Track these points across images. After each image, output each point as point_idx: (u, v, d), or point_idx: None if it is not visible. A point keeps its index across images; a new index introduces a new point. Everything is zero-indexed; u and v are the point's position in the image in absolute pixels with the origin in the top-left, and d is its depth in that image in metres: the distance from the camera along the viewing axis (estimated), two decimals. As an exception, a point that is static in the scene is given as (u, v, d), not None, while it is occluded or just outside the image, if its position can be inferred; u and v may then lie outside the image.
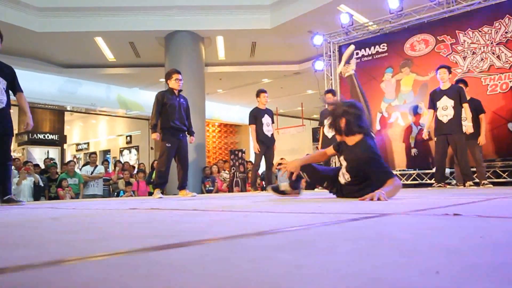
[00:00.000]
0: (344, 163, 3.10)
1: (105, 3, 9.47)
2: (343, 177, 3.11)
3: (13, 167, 5.85)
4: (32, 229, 1.41)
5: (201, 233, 1.07)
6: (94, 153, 10.23)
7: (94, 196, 8.30)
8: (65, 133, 14.98)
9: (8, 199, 3.90)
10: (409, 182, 7.45)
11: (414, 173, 7.47)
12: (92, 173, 8.83)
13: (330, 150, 3.33)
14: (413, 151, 7.47)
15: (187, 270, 0.61)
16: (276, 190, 3.64)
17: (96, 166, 9.12)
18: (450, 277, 0.52)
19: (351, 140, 3.02)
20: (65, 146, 15.38)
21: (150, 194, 8.31)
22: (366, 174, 2.89)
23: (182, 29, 9.83)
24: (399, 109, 7.80)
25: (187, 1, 9.61)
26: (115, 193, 9.36)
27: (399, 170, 7.64)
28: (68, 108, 14.08)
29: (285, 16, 9.45)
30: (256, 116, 6.83)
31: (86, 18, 9.60)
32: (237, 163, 10.45)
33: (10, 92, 4.06)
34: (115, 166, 10.72)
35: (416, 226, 1.12)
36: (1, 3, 8.69)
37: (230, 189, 10.17)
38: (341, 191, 3.21)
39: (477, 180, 5.88)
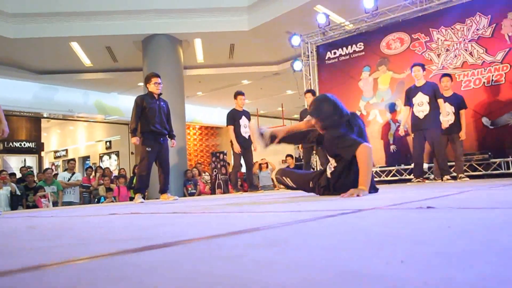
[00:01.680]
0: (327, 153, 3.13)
1: (80, 7, 9.33)
2: (330, 167, 3.08)
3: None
4: (7, 237, 1.39)
5: (178, 235, 1.07)
6: (73, 159, 10.09)
7: (70, 203, 8.16)
8: (42, 141, 14.69)
9: (-17, 210, 3.81)
10: (388, 178, 7.56)
11: (393, 169, 7.59)
12: (69, 180, 8.69)
13: (308, 122, 3.26)
14: (392, 147, 7.59)
15: (160, 271, 0.61)
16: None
17: (74, 173, 8.98)
18: (414, 266, 0.54)
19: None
20: (42, 153, 15.08)
21: (132, 199, 8.22)
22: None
23: (160, 33, 9.77)
24: (377, 106, 7.92)
25: (164, 5, 9.56)
26: (96, 200, 9.23)
27: (379, 167, 7.75)
28: (45, 115, 13.82)
29: (263, 18, 9.49)
30: (234, 118, 6.86)
31: (61, 23, 9.44)
32: (218, 165, 10.43)
33: None
34: (95, 172, 10.58)
35: (390, 219, 1.15)
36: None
37: (212, 192, 10.14)
38: (333, 187, 3.05)
39: (454, 174, 6.01)
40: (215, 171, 10.48)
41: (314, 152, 7.48)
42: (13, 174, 8.64)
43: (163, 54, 9.84)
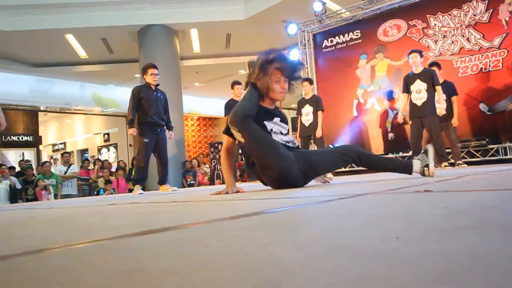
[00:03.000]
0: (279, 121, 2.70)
1: (75, -1, 9.25)
2: (281, 132, 2.68)
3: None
4: (7, 227, 1.39)
5: (177, 220, 1.08)
6: (67, 152, 10.07)
7: (68, 196, 8.17)
8: (40, 134, 14.66)
9: (-17, 203, 3.82)
10: (387, 166, 7.57)
11: (392, 157, 7.60)
12: (65, 172, 8.67)
13: (225, 140, 2.87)
14: (390, 135, 7.60)
15: (158, 252, 0.62)
16: None
17: (70, 165, 8.96)
18: (409, 241, 0.54)
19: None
20: (40, 147, 15.06)
21: (131, 191, 8.24)
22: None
23: (155, 23, 9.70)
24: (375, 94, 7.92)
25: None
26: (95, 192, 9.25)
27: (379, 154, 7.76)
28: (42, 108, 13.77)
29: (259, 6, 9.43)
30: (231, 108, 6.83)
31: (55, 15, 9.37)
32: (217, 156, 10.44)
33: None
34: (94, 164, 10.57)
35: (387, 202, 1.16)
36: (-35, 2, 8.41)
37: (211, 182, 10.17)
38: None
39: (452, 161, 6.03)
40: (214, 161, 10.50)
41: (312, 141, 7.48)
42: (13, 168, 8.64)
43: (159, 45, 9.78)
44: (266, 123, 2.63)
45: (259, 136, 2.47)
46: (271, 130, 2.62)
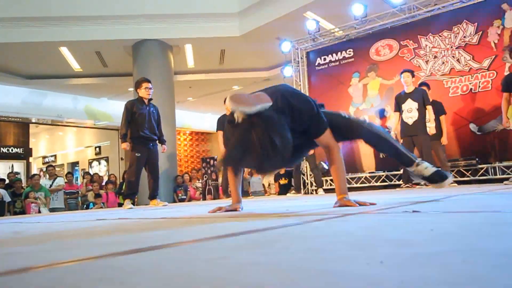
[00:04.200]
0: None
1: (70, 12, 9.29)
2: None
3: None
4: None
5: (164, 239, 1.07)
6: (52, 165, 9.94)
7: (55, 210, 8.04)
8: (30, 146, 14.52)
9: (-31, 216, 3.76)
10: (378, 184, 7.61)
11: (383, 175, 7.64)
12: (51, 186, 8.52)
13: None
14: (382, 153, 7.64)
15: (142, 272, 0.61)
16: None
17: (56, 178, 8.81)
18: (393, 266, 0.55)
19: None
20: (30, 159, 14.90)
21: (121, 205, 8.17)
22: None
23: (150, 38, 9.75)
24: (367, 112, 7.98)
25: (154, 10, 9.55)
26: (84, 206, 9.13)
27: (369, 173, 7.79)
28: (33, 120, 13.68)
29: (253, 23, 9.53)
30: (223, 123, 6.87)
31: (49, 28, 9.38)
32: (209, 171, 10.40)
33: None
34: (83, 178, 10.46)
35: (375, 223, 1.16)
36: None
37: (203, 197, 10.11)
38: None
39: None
40: (206, 176, 10.45)
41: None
42: (2, 180, 8.53)
43: (154, 59, 9.82)
44: None
45: None
46: None
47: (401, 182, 6.70)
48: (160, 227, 1.57)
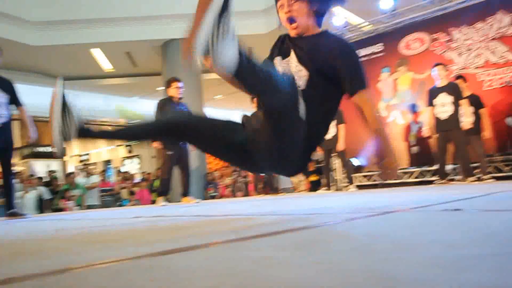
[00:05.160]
0: (293, 60, 1.85)
1: (100, 14, 9.52)
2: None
3: (16, 180, 5.87)
4: (37, 240, 1.43)
5: (206, 237, 1.09)
6: (88, 163, 10.26)
7: (91, 206, 8.29)
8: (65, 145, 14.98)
9: (12, 213, 3.92)
10: (411, 180, 7.46)
11: (416, 171, 7.48)
12: (86, 183, 8.82)
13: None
14: (413, 149, 7.49)
15: (193, 271, 0.63)
16: None
17: (91, 176, 9.11)
18: (445, 269, 0.54)
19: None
20: (66, 158, 15.39)
21: (154, 202, 8.33)
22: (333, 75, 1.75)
23: (179, 37, 9.87)
24: (398, 108, 7.83)
25: (182, 9, 9.65)
26: (118, 203, 9.37)
27: (401, 169, 7.65)
28: (68, 120, 14.09)
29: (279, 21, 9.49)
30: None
31: (81, 30, 9.64)
32: (238, 168, 10.47)
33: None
34: (117, 176, 10.74)
35: (415, 222, 1.15)
36: (0, 20, 8.76)
37: (233, 194, 10.18)
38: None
39: (479, 175, 5.89)
40: (235, 173, 10.52)
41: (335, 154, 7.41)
42: (41, 178, 8.86)
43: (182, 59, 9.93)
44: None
45: None
46: None
47: (435, 178, 6.55)
48: (199, 225, 1.59)
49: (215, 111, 15.92)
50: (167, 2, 9.65)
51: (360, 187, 7.72)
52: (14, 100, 4.10)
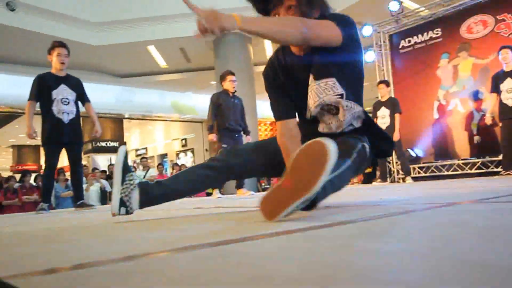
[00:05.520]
0: (312, 84, 1.65)
1: (155, 12, 9.83)
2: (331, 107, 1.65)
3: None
4: (113, 229, 1.52)
5: (278, 226, 1.11)
6: (145, 157, 10.65)
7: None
8: (124, 140, 15.70)
9: (81, 204, 4.18)
10: (473, 171, 7.10)
11: (478, 162, 7.11)
12: (144, 177, 9.20)
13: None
14: (476, 138, 7.11)
15: (276, 258, 0.64)
16: None
17: (148, 169, 9.48)
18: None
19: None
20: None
21: (209, 194, 8.53)
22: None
23: (230, 32, 9.98)
24: (458, 95, 7.46)
25: (233, 4, 9.74)
26: (174, 195, 9.69)
27: (462, 159, 7.31)
28: (126, 116, 14.75)
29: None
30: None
31: (138, 29, 10.02)
32: (291, 160, 10.47)
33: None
34: (172, 169, 11.10)
35: (492, 213, 1.10)
36: (62, 22, 9.29)
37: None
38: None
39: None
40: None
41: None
42: (103, 172, 9.35)
43: (234, 52, 10.05)
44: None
45: None
46: None
47: (500, 169, 6.20)
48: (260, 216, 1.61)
49: (266, 104, 15.98)
50: (218, -3, 9.79)
51: (416, 178, 7.47)
52: (81, 97, 4.34)
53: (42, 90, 4.10)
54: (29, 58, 10.45)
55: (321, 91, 1.62)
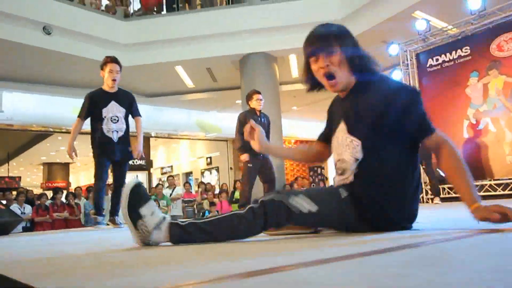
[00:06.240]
0: (341, 132, 1.83)
1: (183, 33, 10.07)
2: (342, 163, 1.76)
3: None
4: (155, 249, 1.55)
5: (323, 251, 1.11)
6: (172, 176, 10.76)
7: (175, 217, 8.68)
8: (151, 158, 15.93)
9: (113, 220, 4.26)
10: (506, 192, 6.90)
11: (511, 183, 6.90)
12: (171, 194, 9.27)
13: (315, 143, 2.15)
14: (508, 158, 6.93)
15: (332, 284, 0.66)
16: None
17: (175, 187, 9.56)
18: None
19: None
20: (151, 170, 16.34)
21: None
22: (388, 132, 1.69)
23: (256, 51, 10.12)
24: (489, 114, 7.32)
25: (258, 24, 9.91)
26: (200, 214, 9.74)
27: (494, 180, 7.11)
28: (153, 134, 15.01)
29: (357, 29, 9.33)
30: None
31: (166, 49, 10.27)
32: (316, 179, 10.41)
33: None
34: (198, 187, 11.19)
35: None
36: (94, 44, 9.63)
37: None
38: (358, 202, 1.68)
39: None
40: (313, 185, 10.47)
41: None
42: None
43: (260, 72, 10.15)
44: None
45: None
46: None
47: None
48: (304, 237, 1.61)
49: (291, 122, 16.00)
50: (243, 18, 9.96)
51: (445, 199, 7.31)
52: (131, 111, 4.32)
53: (93, 108, 4.17)
54: (61, 78, 10.85)
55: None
